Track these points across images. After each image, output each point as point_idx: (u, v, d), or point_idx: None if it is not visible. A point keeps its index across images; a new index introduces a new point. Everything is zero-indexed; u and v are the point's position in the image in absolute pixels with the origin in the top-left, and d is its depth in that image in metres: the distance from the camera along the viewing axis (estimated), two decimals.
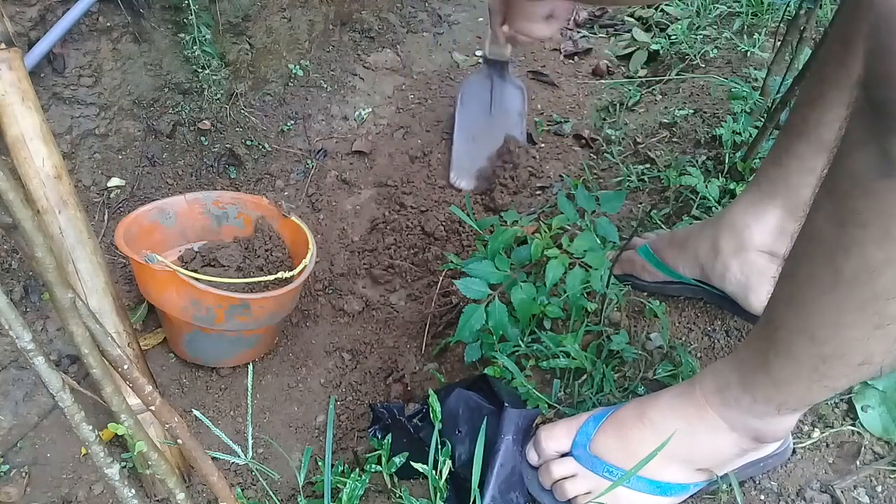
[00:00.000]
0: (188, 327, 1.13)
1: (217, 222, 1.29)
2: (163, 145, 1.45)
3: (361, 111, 1.70)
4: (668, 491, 0.71)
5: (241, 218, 1.31)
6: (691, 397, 0.68)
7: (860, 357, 0.53)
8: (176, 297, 1.07)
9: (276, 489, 1.01)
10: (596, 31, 2.01)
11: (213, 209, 1.28)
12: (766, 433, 0.67)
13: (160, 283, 1.08)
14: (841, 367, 0.55)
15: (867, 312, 0.50)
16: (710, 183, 1.16)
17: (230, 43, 1.48)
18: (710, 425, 0.67)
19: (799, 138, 0.80)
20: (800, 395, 0.61)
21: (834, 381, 0.57)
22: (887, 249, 0.47)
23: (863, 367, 0.54)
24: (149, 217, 1.20)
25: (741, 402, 0.64)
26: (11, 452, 1.08)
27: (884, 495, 0.73)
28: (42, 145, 0.92)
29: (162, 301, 1.11)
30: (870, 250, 0.48)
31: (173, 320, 1.14)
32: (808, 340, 0.55)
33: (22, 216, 0.45)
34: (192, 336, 1.15)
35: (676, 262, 0.96)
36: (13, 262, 1.20)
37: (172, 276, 1.04)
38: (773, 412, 0.63)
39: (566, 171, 1.47)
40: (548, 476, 0.74)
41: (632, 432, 0.71)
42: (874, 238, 0.47)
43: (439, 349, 1.16)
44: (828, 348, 0.54)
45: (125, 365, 0.54)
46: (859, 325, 0.51)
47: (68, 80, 1.27)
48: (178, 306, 1.08)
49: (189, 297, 1.07)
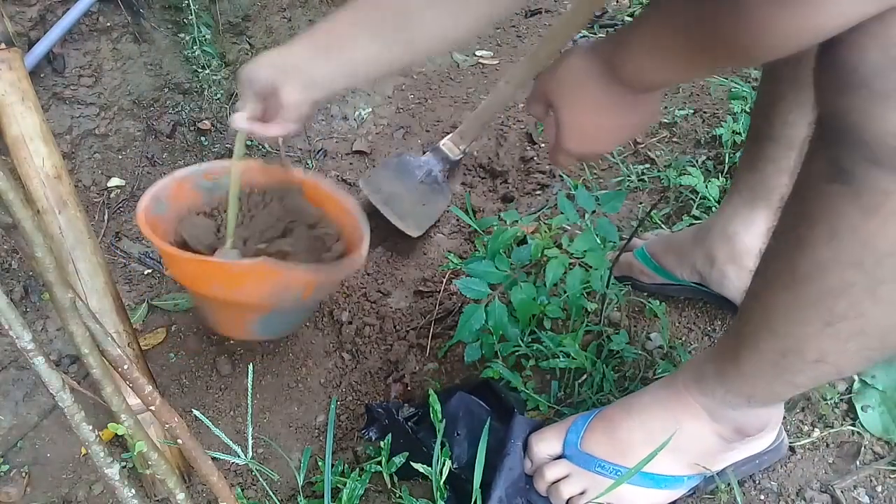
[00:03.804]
0: (264, 310, 1.05)
1: (209, 194, 1.16)
2: (163, 145, 1.45)
3: (361, 111, 1.70)
4: (662, 483, 0.71)
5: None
6: (674, 388, 0.70)
7: (815, 354, 0.56)
8: (257, 287, 0.98)
9: (276, 489, 1.01)
10: (596, 30, 2.01)
11: (204, 182, 1.16)
12: (745, 425, 0.68)
13: (235, 278, 0.98)
14: (799, 363, 0.57)
15: (819, 309, 0.53)
16: (710, 183, 1.16)
17: (230, 43, 1.48)
18: (692, 414, 0.69)
19: (769, 141, 0.81)
20: (765, 387, 0.63)
21: (794, 377, 0.59)
22: (834, 249, 0.50)
23: (820, 366, 0.56)
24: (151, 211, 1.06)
25: (716, 393, 0.66)
26: (11, 452, 1.08)
27: (884, 495, 0.73)
28: (42, 145, 0.92)
29: (233, 294, 1.00)
30: (819, 250, 0.51)
31: (242, 308, 1.04)
32: (770, 334, 0.58)
33: (22, 216, 0.45)
34: (267, 317, 1.08)
35: (674, 269, 0.96)
36: (13, 262, 1.20)
37: (253, 269, 0.94)
38: (745, 404, 0.65)
39: (566, 171, 1.47)
40: (542, 480, 0.74)
41: (619, 426, 0.72)
42: (822, 238, 0.50)
43: (444, 352, 1.16)
44: (786, 343, 0.57)
45: (125, 365, 0.54)
46: (812, 321, 0.54)
47: (68, 80, 1.27)
48: (259, 295, 0.99)
49: (277, 284, 0.98)
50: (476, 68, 1.89)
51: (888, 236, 0.47)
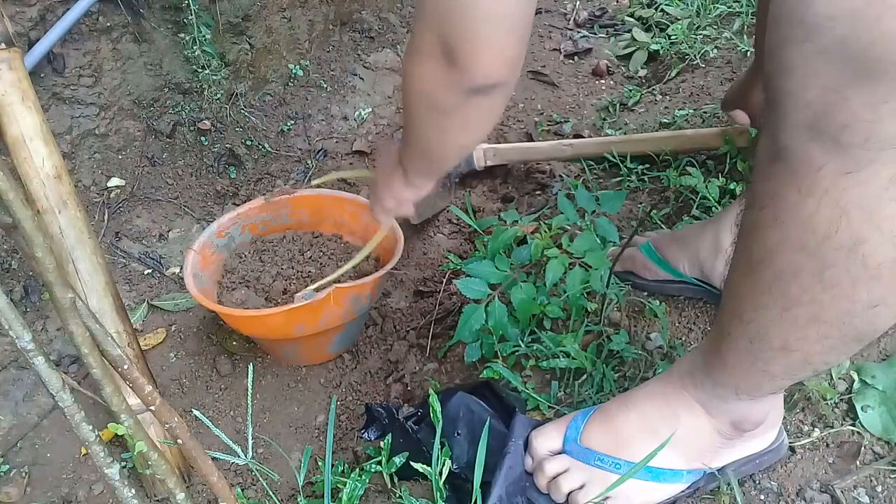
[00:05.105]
0: (339, 328, 1.14)
1: (226, 251, 1.26)
2: (163, 145, 1.45)
3: (361, 111, 1.70)
4: (660, 476, 0.71)
5: (247, 231, 1.28)
6: (670, 381, 0.71)
7: (779, 340, 0.56)
8: (335, 309, 1.07)
9: (276, 489, 1.01)
10: (596, 30, 2.01)
11: (218, 242, 1.23)
12: (740, 420, 0.68)
13: (315, 311, 1.05)
14: (767, 350, 0.58)
15: (774, 295, 0.54)
16: (710, 183, 1.16)
17: (230, 43, 1.48)
18: (687, 405, 0.69)
19: None
20: (745, 378, 0.63)
21: (767, 365, 0.59)
22: (779, 232, 0.50)
23: (788, 354, 0.57)
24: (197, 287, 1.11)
25: (705, 385, 0.67)
26: (11, 452, 1.08)
27: (884, 495, 0.73)
28: (42, 145, 0.92)
29: (315, 325, 1.09)
30: (767, 233, 0.52)
31: (323, 335, 1.14)
32: (738, 321, 0.59)
33: (22, 216, 0.45)
34: (344, 331, 1.17)
35: (677, 260, 0.96)
36: (13, 262, 1.20)
37: (329, 297, 1.03)
38: (733, 396, 0.66)
39: (566, 171, 1.47)
40: (542, 475, 0.74)
41: (618, 420, 0.73)
42: (768, 221, 0.51)
43: (444, 352, 1.16)
44: (751, 329, 0.58)
45: (125, 365, 0.54)
46: (770, 305, 0.55)
47: (68, 80, 1.27)
48: (338, 315, 1.09)
49: (350, 298, 1.08)
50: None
51: (823, 216, 0.47)
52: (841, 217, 0.47)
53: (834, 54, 0.42)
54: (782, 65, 0.45)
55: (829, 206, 0.47)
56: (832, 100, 0.43)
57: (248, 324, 1.11)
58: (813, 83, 0.43)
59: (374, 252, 1.15)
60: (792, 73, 0.44)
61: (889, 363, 0.83)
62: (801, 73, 0.44)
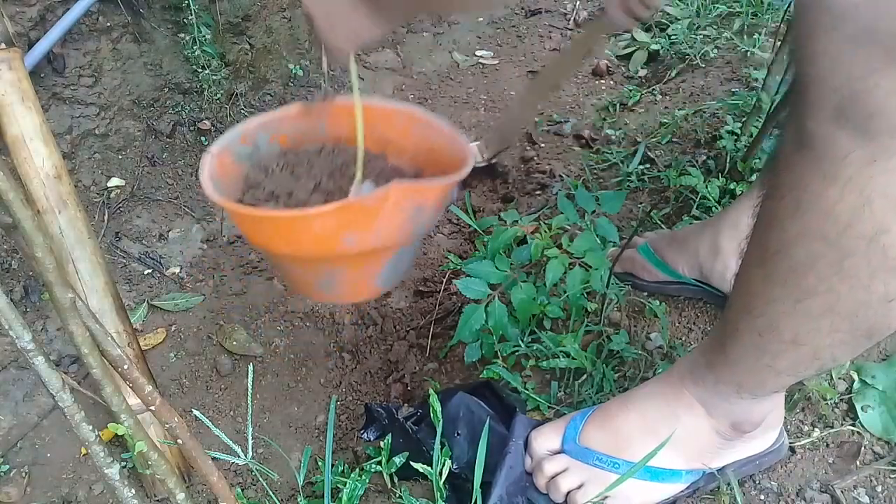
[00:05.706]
0: (393, 249, 0.87)
1: (249, 162, 0.97)
2: (163, 145, 1.45)
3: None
4: (659, 476, 0.71)
5: (275, 141, 0.99)
6: (670, 382, 0.71)
7: (789, 333, 0.56)
8: (395, 214, 0.80)
9: (276, 489, 1.01)
10: None
11: (241, 150, 0.96)
12: (741, 420, 0.68)
13: (371, 214, 0.79)
14: (775, 344, 0.57)
15: (788, 286, 0.53)
16: (710, 183, 1.16)
17: (230, 43, 1.48)
18: (687, 405, 0.69)
19: None
20: (749, 374, 0.63)
21: (774, 360, 0.59)
22: (799, 221, 0.50)
23: (797, 348, 0.56)
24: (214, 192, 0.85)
25: (707, 382, 0.67)
26: (11, 452, 1.08)
27: (884, 495, 0.73)
28: (42, 145, 0.92)
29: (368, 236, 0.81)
30: (786, 223, 0.51)
31: (373, 256, 0.86)
32: (747, 314, 0.59)
33: (22, 216, 0.45)
34: (397, 256, 0.88)
35: (676, 262, 0.96)
36: (13, 262, 1.20)
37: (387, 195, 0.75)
38: (734, 393, 0.65)
39: (566, 171, 1.47)
40: (541, 475, 0.74)
41: (617, 419, 0.73)
42: (789, 210, 0.51)
43: (444, 352, 1.16)
44: (761, 322, 0.57)
45: (125, 365, 0.54)
46: (783, 298, 0.54)
47: (68, 80, 1.27)
48: (396, 225, 0.82)
49: (413, 204, 0.80)
50: (476, 68, 1.89)
51: (847, 204, 0.47)
52: (864, 206, 0.47)
53: (861, 41, 0.42)
54: (809, 52, 0.45)
55: (853, 194, 0.47)
56: (860, 87, 0.43)
57: (286, 230, 0.82)
58: (840, 70, 0.43)
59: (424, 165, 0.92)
60: (819, 61, 0.44)
61: (889, 363, 0.83)
62: (828, 61, 0.44)
